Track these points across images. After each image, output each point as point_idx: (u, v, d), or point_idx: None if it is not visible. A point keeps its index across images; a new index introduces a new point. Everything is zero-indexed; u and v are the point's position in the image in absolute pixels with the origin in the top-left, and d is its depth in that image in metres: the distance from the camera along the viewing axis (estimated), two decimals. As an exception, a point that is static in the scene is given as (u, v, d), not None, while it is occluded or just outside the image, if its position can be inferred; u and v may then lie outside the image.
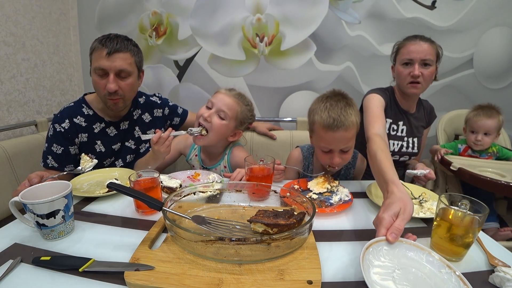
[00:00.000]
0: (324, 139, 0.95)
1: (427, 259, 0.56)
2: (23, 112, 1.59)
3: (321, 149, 0.99)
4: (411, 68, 1.17)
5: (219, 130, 1.07)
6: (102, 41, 1.00)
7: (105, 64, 0.99)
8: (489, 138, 1.40)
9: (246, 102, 1.14)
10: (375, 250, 0.55)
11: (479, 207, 0.61)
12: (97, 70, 1.00)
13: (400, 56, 1.20)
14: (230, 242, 0.57)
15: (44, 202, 0.61)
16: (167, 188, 0.87)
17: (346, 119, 0.92)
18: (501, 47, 1.75)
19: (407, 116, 1.30)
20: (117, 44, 0.99)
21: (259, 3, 1.71)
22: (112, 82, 1.00)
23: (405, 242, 0.58)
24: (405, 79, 1.19)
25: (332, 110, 0.93)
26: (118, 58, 1.00)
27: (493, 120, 1.39)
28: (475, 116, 1.42)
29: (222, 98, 1.08)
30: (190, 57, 1.84)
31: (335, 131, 0.91)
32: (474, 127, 1.42)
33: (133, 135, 1.21)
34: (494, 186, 1.13)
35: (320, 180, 0.94)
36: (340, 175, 1.14)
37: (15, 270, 0.55)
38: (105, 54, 0.98)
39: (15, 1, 1.50)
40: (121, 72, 1.02)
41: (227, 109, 1.06)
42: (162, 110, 1.29)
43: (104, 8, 1.81)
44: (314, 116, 0.97)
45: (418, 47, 1.16)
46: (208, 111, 1.07)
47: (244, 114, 1.12)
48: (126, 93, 1.06)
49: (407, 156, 1.34)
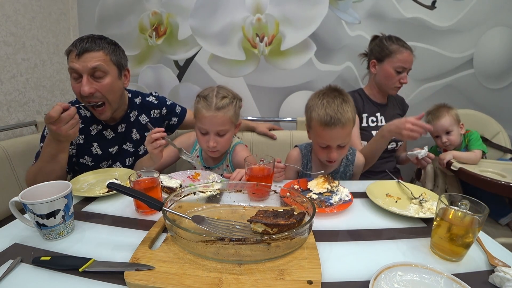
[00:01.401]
0: (321, 136, 0.98)
1: (445, 283, 0.52)
2: (23, 112, 1.59)
3: (319, 145, 1.02)
4: (401, 75, 1.32)
5: (228, 143, 1.11)
6: (74, 43, 0.96)
7: (76, 65, 0.94)
8: (453, 135, 1.41)
9: (229, 97, 1.07)
10: (388, 277, 0.53)
11: (479, 207, 0.61)
12: (71, 73, 0.96)
13: (394, 61, 1.31)
14: (230, 242, 0.57)
15: (44, 202, 0.61)
16: (167, 188, 0.87)
17: (343, 116, 0.94)
18: (501, 47, 1.75)
19: (381, 107, 1.44)
20: (86, 44, 0.95)
21: (259, 3, 1.71)
22: (86, 84, 0.94)
23: (421, 266, 0.55)
24: (394, 83, 1.34)
25: (329, 108, 0.95)
26: (89, 57, 0.94)
27: (445, 119, 1.40)
28: (429, 122, 1.43)
29: (211, 120, 1.04)
30: (190, 57, 1.84)
31: (332, 128, 0.94)
32: (434, 132, 1.44)
33: (131, 137, 1.19)
34: (494, 186, 1.13)
35: (320, 180, 0.94)
36: (340, 172, 1.15)
37: (15, 270, 0.55)
38: (75, 56, 0.94)
39: (15, 1, 1.50)
40: (95, 72, 0.96)
41: (222, 126, 1.05)
42: (160, 110, 1.27)
43: (104, 8, 1.81)
44: (311, 113, 1.00)
45: (411, 57, 1.31)
46: (208, 139, 1.06)
47: (236, 110, 1.09)
48: (106, 95, 0.99)
49: (394, 143, 1.43)
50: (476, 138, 1.41)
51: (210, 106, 1.03)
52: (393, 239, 0.69)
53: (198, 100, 1.08)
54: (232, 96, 1.09)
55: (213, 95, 1.05)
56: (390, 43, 1.33)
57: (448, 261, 0.61)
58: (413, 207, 0.81)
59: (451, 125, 1.40)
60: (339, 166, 1.15)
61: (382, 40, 1.37)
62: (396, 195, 0.91)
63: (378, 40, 1.40)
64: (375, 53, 1.39)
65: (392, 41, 1.34)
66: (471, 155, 1.35)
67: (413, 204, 0.83)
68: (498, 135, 1.64)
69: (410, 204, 0.84)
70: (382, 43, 1.35)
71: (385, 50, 1.34)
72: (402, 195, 0.91)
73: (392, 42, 1.34)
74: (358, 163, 1.16)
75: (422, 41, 1.75)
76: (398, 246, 0.66)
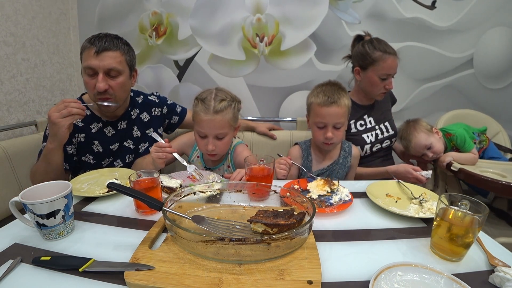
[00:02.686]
0: (319, 114, 1.11)
1: (445, 283, 0.52)
2: (23, 112, 1.59)
3: (316, 125, 1.13)
4: (386, 81, 1.30)
5: (227, 146, 1.10)
6: (91, 40, 0.99)
7: (94, 63, 0.97)
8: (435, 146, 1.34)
9: (227, 99, 1.05)
10: (388, 277, 0.53)
11: (479, 207, 0.61)
12: (86, 70, 0.99)
13: (378, 69, 1.28)
14: (230, 242, 0.57)
15: (44, 202, 0.61)
16: (167, 188, 0.87)
17: (339, 98, 1.09)
18: (501, 47, 1.75)
19: (368, 109, 1.41)
20: (105, 43, 0.98)
21: (259, 3, 1.71)
22: (101, 81, 0.98)
23: (421, 266, 0.55)
24: (379, 90, 1.32)
25: (327, 91, 1.10)
26: (107, 56, 0.98)
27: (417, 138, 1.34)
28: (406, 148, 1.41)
29: (209, 124, 1.03)
30: (190, 57, 1.84)
31: (329, 106, 1.08)
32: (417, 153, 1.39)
33: (131, 135, 1.20)
34: (495, 186, 1.14)
35: (320, 182, 0.94)
36: (339, 163, 1.19)
37: (15, 270, 0.55)
38: (93, 53, 0.97)
39: (15, 1, 1.50)
40: (111, 71, 1.00)
41: (221, 129, 1.04)
42: (161, 109, 1.28)
43: (104, 8, 1.81)
44: (311, 98, 1.15)
45: (395, 62, 1.28)
46: (207, 142, 1.05)
47: (234, 112, 1.08)
48: (117, 93, 1.04)
49: (388, 141, 1.42)
50: (462, 140, 1.34)
51: (208, 109, 1.02)
52: (393, 239, 0.69)
53: (196, 103, 1.07)
54: (231, 98, 1.07)
55: (211, 98, 1.04)
56: (372, 50, 1.27)
57: (448, 261, 0.61)
58: (413, 207, 0.81)
59: (426, 139, 1.34)
60: (338, 157, 1.20)
61: (364, 46, 1.30)
62: (396, 195, 0.91)
63: (360, 46, 1.32)
64: (358, 60, 1.33)
65: (375, 47, 1.27)
66: (469, 156, 1.33)
67: (413, 204, 0.83)
68: (498, 135, 1.64)
69: (410, 204, 0.84)
70: (365, 50, 1.29)
71: (368, 58, 1.28)
72: (402, 195, 0.91)
73: (374, 48, 1.27)
74: (355, 155, 1.23)
75: (422, 41, 1.75)
76: (398, 246, 0.66)
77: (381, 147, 1.39)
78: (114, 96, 1.04)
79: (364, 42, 1.33)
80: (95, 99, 1.03)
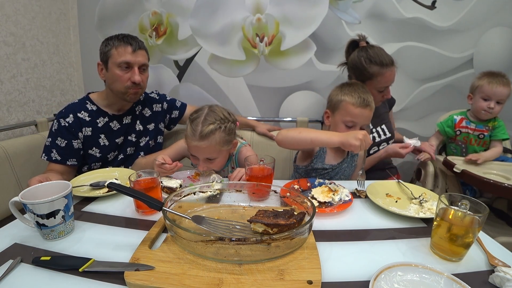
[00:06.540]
0: (352, 114, 1.07)
1: (445, 283, 0.52)
2: (23, 112, 1.59)
3: (345, 124, 1.09)
4: (384, 92, 1.30)
5: (221, 163, 1.08)
6: (123, 39, 1.12)
7: (131, 58, 1.11)
8: (500, 106, 1.34)
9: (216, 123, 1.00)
10: (388, 277, 0.53)
11: (479, 207, 0.61)
12: (122, 64, 1.11)
13: (376, 83, 1.28)
14: (230, 242, 0.57)
15: (44, 202, 0.61)
16: (167, 188, 0.87)
17: (371, 101, 1.08)
18: (501, 47, 1.75)
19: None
20: (139, 43, 1.15)
21: (259, 3, 1.71)
22: (138, 74, 1.13)
23: (421, 266, 0.55)
24: (378, 101, 1.30)
25: (360, 92, 1.08)
26: (140, 54, 1.14)
27: (507, 88, 1.32)
28: (490, 83, 1.34)
29: (196, 149, 1.00)
30: (190, 57, 1.84)
31: (365, 108, 1.06)
32: (489, 94, 1.34)
33: (134, 128, 1.27)
34: (498, 188, 1.13)
35: (325, 189, 0.93)
36: (348, 162, 1.19)
37: (15, 270, 0.55)
38: (131, 50, 1.11)
39: (15, 1, 1.50)
40: (142, 66, 1.15)
41: (209, 154, 1.01)
42: (161, 105, 1.36)
43: (104, 8, 1.81)
44: (342, 96, 1.09)
45: (392, 74, 1.27)
46: (200, 162, 1.03)
47: (224, 136, 1.01)
48: (144, 84, 1.19)
49: (385, 143, 1.42)
50: (503, 126, 1.37)
51: (195, 134, 0.98)
52: (393, 239, 0.69)
53: (188, 122, 1.03)
54: (221, 120, 1.01)
55: (199, 122, 0.99)
56: (369, 64, 1.24)
57: (448, 261, 0.61)
58: (413, 207, 0.81)
59: (507, 96, 1.32)
60: (347, 156, 1.19)
61: (360, 59, 1.26)
62: (396, 195, 0.91)
63: (356, 57, 1.28)
64: (356, 74, 1.30)
65: (371, 60, 1.24)
66: (496, 152, 1.35)
67: (413, 204, 0.83)
68: (498, 135, 1.64)
69: (410, 204, 0.84)
70: (361, 63, 1.26)
71: (365, 73, 1.26)
72: (402, 195, 0.91)
73: (370, 62, 1.24)
74: (360, 155, 1.24)
75: (422, 41, 1.75)
76: (398, 246, 0.66)
77: (378, 150, 1.40)
78: (142, 88, 1.18)
79: (360, 52, 1.28)
80: (126, 91, 1.13)
